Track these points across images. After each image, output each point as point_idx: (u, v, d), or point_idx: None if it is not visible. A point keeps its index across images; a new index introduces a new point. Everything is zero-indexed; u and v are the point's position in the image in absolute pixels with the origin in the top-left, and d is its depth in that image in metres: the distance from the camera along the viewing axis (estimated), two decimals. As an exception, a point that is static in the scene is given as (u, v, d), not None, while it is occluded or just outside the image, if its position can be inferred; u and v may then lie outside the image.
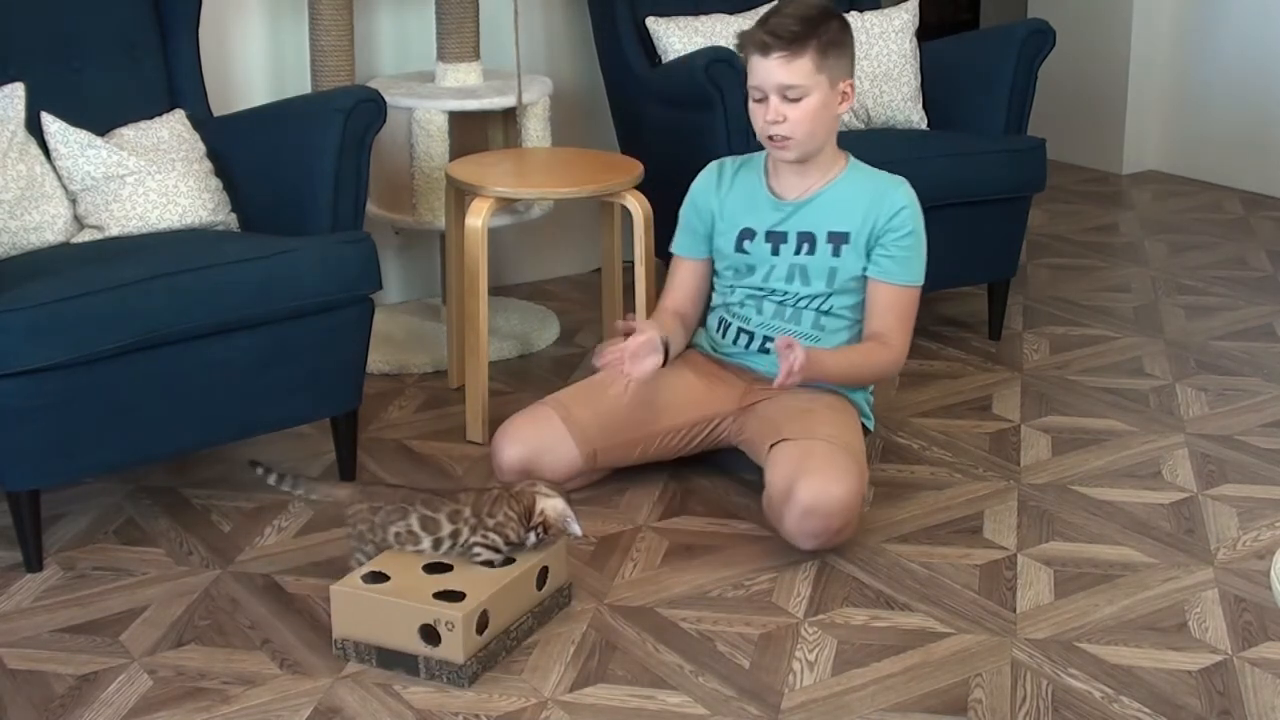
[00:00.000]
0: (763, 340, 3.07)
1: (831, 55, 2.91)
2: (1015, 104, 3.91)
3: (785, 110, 2.92)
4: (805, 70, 2.90)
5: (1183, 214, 5.23)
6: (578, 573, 2.77)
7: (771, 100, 2.92)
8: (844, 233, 3.00)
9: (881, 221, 2.98)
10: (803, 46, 2.89)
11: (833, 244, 3.00)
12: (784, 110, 2.92)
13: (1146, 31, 5.61)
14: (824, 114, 2.94)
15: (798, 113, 2.92)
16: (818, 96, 2.92)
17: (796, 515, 2.77)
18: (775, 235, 3.04)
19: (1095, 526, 2.98)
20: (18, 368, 2.64)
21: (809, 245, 3.02)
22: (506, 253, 4.42)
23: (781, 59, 2.89)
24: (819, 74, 2.91)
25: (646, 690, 2.43)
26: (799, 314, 3.04)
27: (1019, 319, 4.16)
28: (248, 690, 2.43)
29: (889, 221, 2.98)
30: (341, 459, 3.16)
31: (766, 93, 2.93)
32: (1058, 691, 2.43)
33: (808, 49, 2.89)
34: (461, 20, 3.88)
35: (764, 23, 2.94)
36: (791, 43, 2.88)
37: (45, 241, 3.03)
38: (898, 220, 2.98)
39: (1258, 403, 3.58)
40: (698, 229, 3.14)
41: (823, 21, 2.92)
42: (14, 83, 3.09)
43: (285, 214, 3.12)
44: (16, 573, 2.81)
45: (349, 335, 3.05)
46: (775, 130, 2.94)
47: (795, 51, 2.89)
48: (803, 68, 2.89)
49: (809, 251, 3.02)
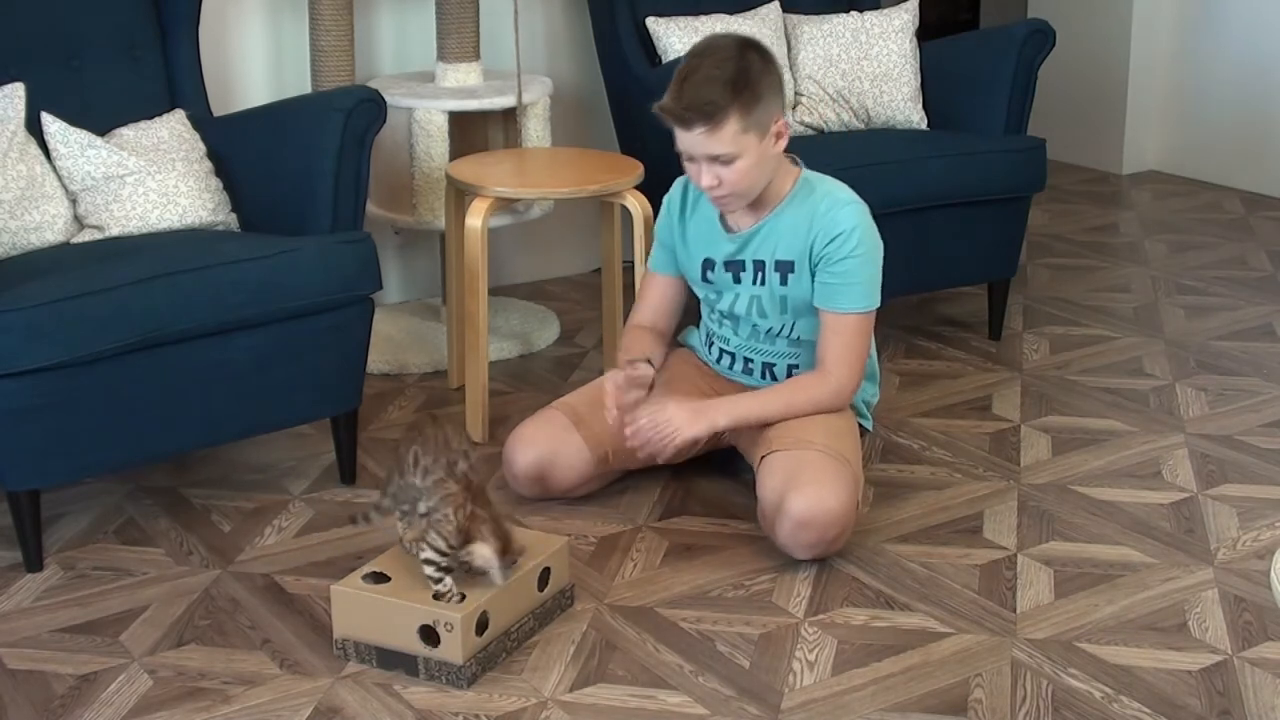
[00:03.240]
0: (744, 361, 3.06)
1: (756, 109, 2.75)
2: (1015, 104, 3.90)
3: (719, 173, 2.79)
4: (731, 136, 2.74)
5: (1183, 214, 5.23)
6: (578, 573, 2.77)
7: (703, 166, 2.80)
8: (789, 261, 2.90)
9: (819, 246, 2.87)
10: (724, 115, 2.73)
11: (780, 272, 2.92)
12: (718, 173, 2.79)
13: (1146, 31, 5.61)
14: (761, 164, 2.81)
15: (733, 174, 2.79)
16: (751, 154, 2.78)
17: (789, 528, 2.76)
18: (733, 264, 2.97)
19: (1095, 526, 2.98)
20: (18, 368, 2.64)
21: (762, 274, 2.94)
22: (506, 253, 4.42)
23: (704, 133, 2.75)
24: (746, 134, 2.75)
25: (646, 690, 2.43)
26: (772, 339, 3.02)
27: (1019, 319, 4.16)
28: (248, 690, 2.43)
29: (825, 247, 2.86)
30: (341, 459, 3.16)
31: (696, 159, 2.81)
32: (1058, 691, 2.43)
33: (729, 116, 2.73)
34: (461, 20, 3.88)
35: (679, 91, 2.75)
36: (711, 116, 2.72)
37: (45, 241, 3.03)
38: (834, 245, 2.85)
39: (1258, 403, 3.58)
40: (666, 245, 3.08)
41: (739, 77, 2.73)
42: (14, 83, 3.09)
43: (285, 214, 3.12)
44: (16, 573, 2.81)
45: (349, 335, 3.05)
46: (713, 193, 2.84)
47: (717, 122, 2.73)
48: (728, 135, 2.74)
49: (762, 282, 2.95)
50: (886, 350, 3.91)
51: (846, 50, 4.07)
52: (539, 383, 3.71)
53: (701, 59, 2.78)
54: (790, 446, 2.84)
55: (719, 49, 2.79)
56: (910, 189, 3.71)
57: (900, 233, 3.72)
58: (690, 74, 2.77)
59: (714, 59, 2.77)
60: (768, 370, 3.04)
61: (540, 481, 3.00)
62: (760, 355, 3.04)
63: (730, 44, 2.80)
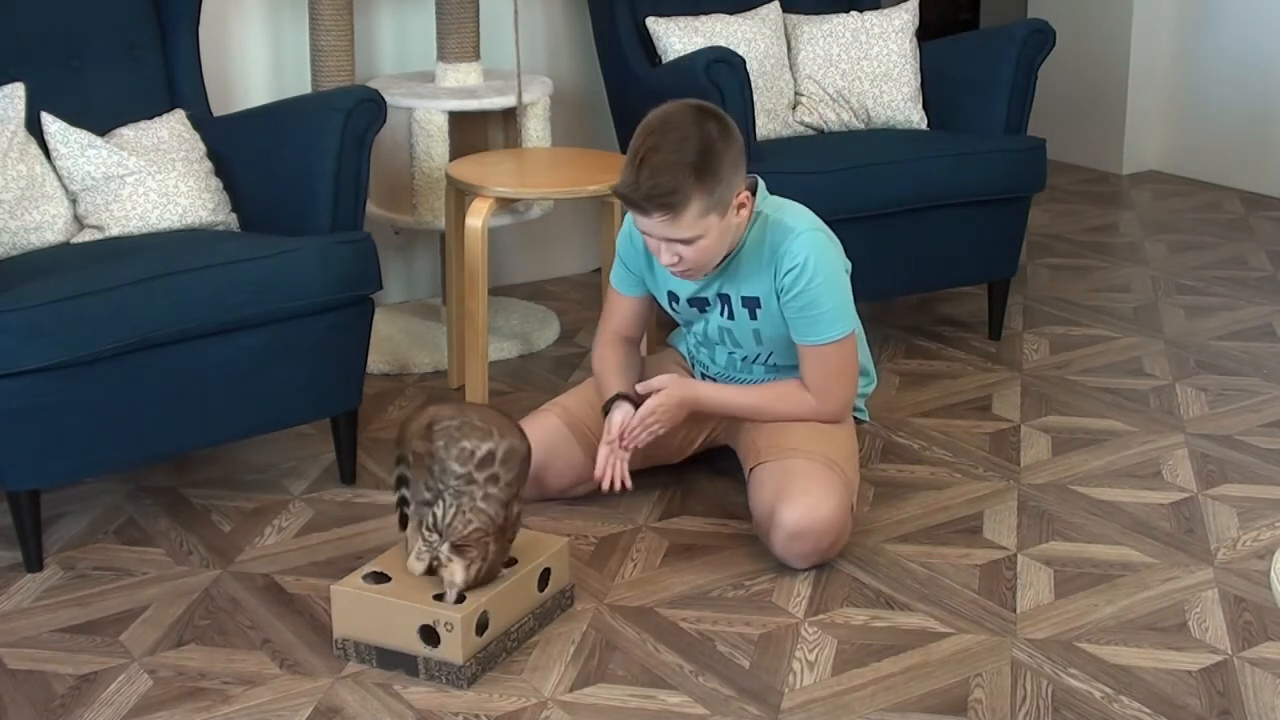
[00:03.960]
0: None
1: (717, 189, 2.64)
2: (1015, 104, 3.91)
3: (680, 251, 2.70)
4: (691, 221, 2.64)
5: (1183, 214, 5.23)
6: (578, 573, 2.77)
7: (662, 245, 2.71)
8: (754, 297, 2.85)
9: (778, 281, 2.80)
10: (685, 203, 2.62)
11: (748, 308, 2.87)
12: (679, 252, 2.71)
13: (1146, 31, 5.61)
14: (723, 238, 2.72)
15: (693, 252, 2.70)
16: (713, 233, 2.69)
17: (783, 540, 2.76)
18: (698, 300, 2.93)
19: (1095, 526, 2.98)
20: (18, 368, 2.65)
21: (728, 308, 2.90)
22: (506, 253, 4.42)
23: (663, 219, 2.64)
24: (708, 215, 2.65)
25: (646, 690, 2.43)
26: (749, 366, 3.00)
27: (1019, 319, 4.16)
28: (248, 690, 2.43)
29: (781, 281, 2.79)
30: (341, 459, 3.16)
31: (655, 238, 2.72)
32: (1058, 691, 2.43)
33: (690, 203, 2.62)
34: (461, 20, 3.88)
35: (636, 177, 2.62)
36: (670, 206, 2.62)
37: (45, 241, 3.03)
38: (790, 278, 2.78)
39: (1258, 403, 3.58)
40: (632, 270, 3.00)
41: (700, 160, 2.61)
42: (14, 83, 3.09)
43: (285, 214, 3.12)
44: (16, 573, 2.81)
45: (349, 335, 3.05)
46: (673, 269, 2.76)
47: (677, 210, 2.62)
48: (688, 220, 2.64)
49: (730, 315, 2.90)
50: (886, 350, 3.91)
51: (846, 50, 4.07)
52: (539, 383, 3.71)
53: (659, 138, 2.63)
54: (778, 456, 2.83)
55: (675, 124, 2.64)
56: (910, 189, 3.71)
57: (900, 233, 3.74)
58: (647, 156, 2.62)
59: (673, 138, 2.63)
60: None
61: (536, 482, 3.00)
62: (741, 383, 3.03)
63: (687, 118, 2.66)
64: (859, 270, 3.03)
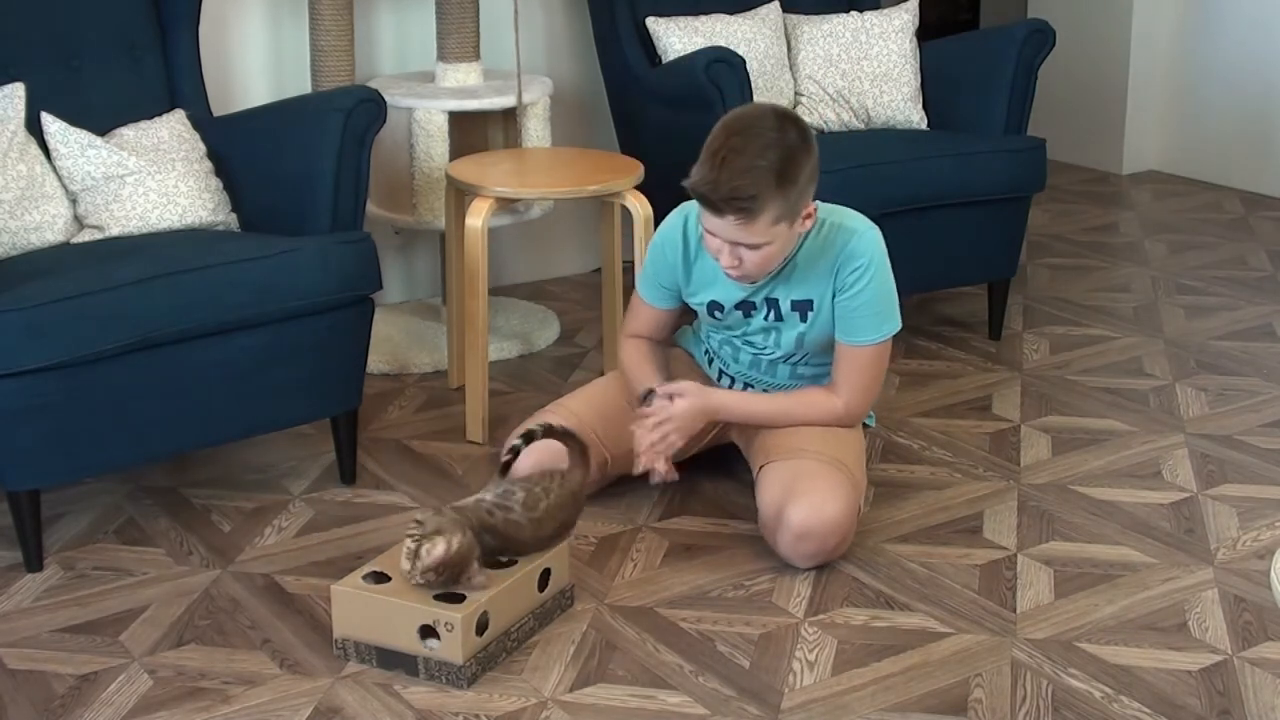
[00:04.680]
0: (744, 385, 3.04)
1: (793, 196, 2.63)
2: (1015, 104, 3.91)
3: (743, 255, 2.69)
4: (764, 228, 2.63)
5: (1183, 214, 5.23)
6: (578, 573, 2.77)
7: (726, 247, 2.69)
8: (808, 300, 2.85)
9: (839, 280, 2.81)
10: (762, 209, 2.60)
11: (799, 311, 2.87)
12: (741, 255, 2.69)
13: (1146, 31, 5.61)
14: (786, 247, 2.73)
15: (756, 257, 2.69)
16: (780, 240, 2.68)
17: (790, 539, 2.76)
18: (744, 305, 2.91)
19: (1095, 526, 2.98)
20: (18, 368, 2.64)
21: (775, 312, 2.89)
22: (506, 253, 4.42)
23: (738, 223, 2.62)
24: (778, 224, 2.65)
25: (646, 690, 2.43)
26: (774, 366, 2.99)
27: (1019, 319, 4.16)
28: (248, 690, 2.43)
29: (844, 279, 2.81)
30: (341, 459, 3.16)
31: (721, 239, 2.70)
32: (1058, 691, 2.43)
33: (767, 209, 2.60)
34: (461, 20, 3.88)
35: (716, 177, 2.59)
36: (748, 211, 2.60)
37: (45, 241, 3.03)
38: (854, 276, 2.80)
39: (1258, 403, 3.58)
40: (665, 285, 2.98)
41: (783, 168, 2.60)
42: (14, 83, 3.09)
43: (285, 214, 3.12)
44: (16, 573, 2.81)
45: (349, 335, 3.05)
46: (731, 272, 2.75)
47: (753, 215, 2.61)
48: (761, 226, 2.63)
49: (777, 318, 2.90)
50: (886, 350, 3.91)
51: (846, 50, 4.07)
52: (539, 383, 3.71)
53: (745, 140, 2.61)
54: (787, 456, 2.83)
55: (760, 129, 2.62)
56: (910, 189, 3.71)
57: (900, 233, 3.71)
58: (730, 158, 2.59)
59: (758, 144, 2.60)
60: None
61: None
62: (759, 384, 3.03)
63: (770, 123, 2.64)
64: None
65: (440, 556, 2.40)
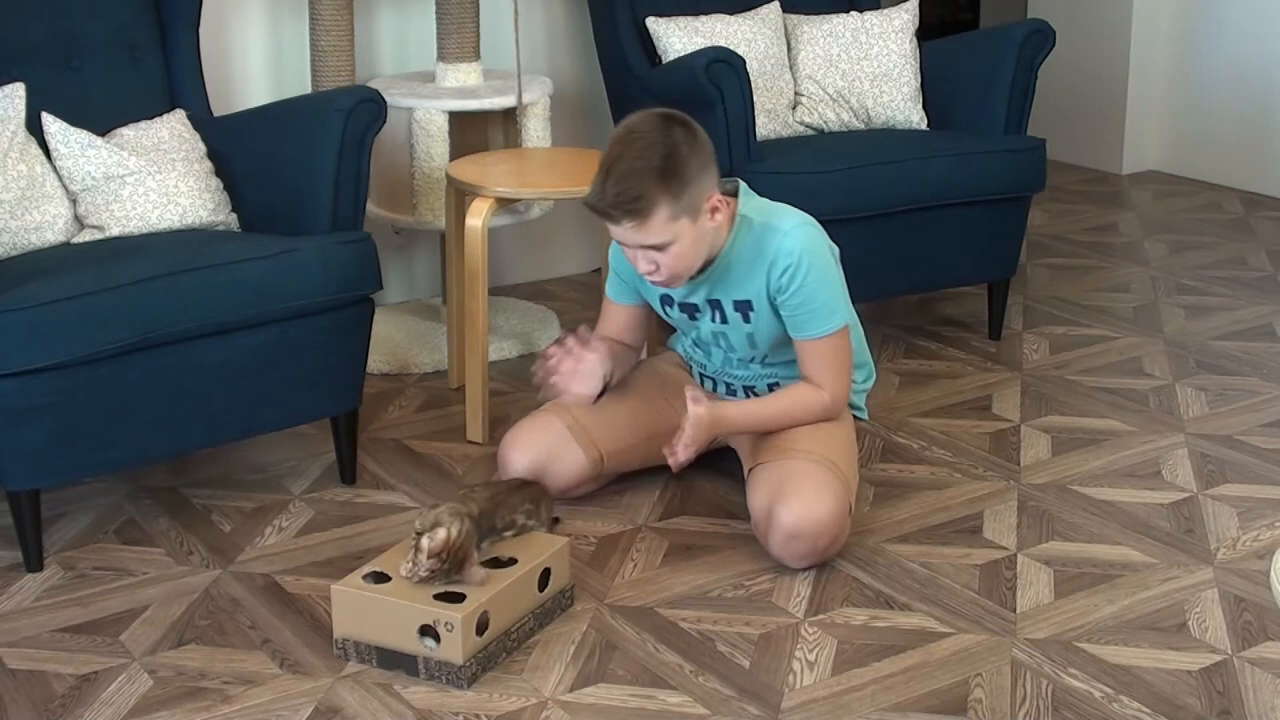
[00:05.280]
0: (724, 385, 3.05)
1: (685, 195, 2.66)
2: (1015, 104, 3.90)
3: (656, 259, 2.72)
4: (660, 226, 2.66)
5: (1183, 214, 5.23)
6: (578, 573, 2.77)
7: (638, 253, 2.74)
8: (746, 300, 2.86)
9: (772, 282, 2.81)
10: (651, 207, 2.64)
11: (740, 312, 2.87)
12: (655, 259, 2.72)
13: (1146, 31, 5.61)
14: (697, 244, 2.74)
15: (669, 259, 2.72)
16: (685, 237, 2.70)
17: (780, 540, 2.76)
18: (688, 306, 2.93)
19: (1095, 526, 2.98)
20: (18, 368, 2.65)
21: (720, 313, 2.90)
22: (506, 253, 4.42)
23: (633, 226, 2.67)
24: (677, 221, 2.67)
25: (646, 690, 2.43)
26: (745, 364, 3.00)
27: (1019, 319, 4.16)
28: (248, 690, 2.43)
29: (777, 281, 2.80)
30: (341, 459, 3.16)
31: (629, 247, 2.74)
32: (1058, 691, 2.43)
33: (657, 207, 2.64)
34: (461, 20, 3.88)
35: (603, 186, 2.66)
36: (637, 212, 2.64)
37: (46, 241, 3.03)
38: (786, 277, 2.78)
39: (1258, 403, 3.58)
40: (624, 279, 3.01)
41: (665, 165, 2.64)
42: (14, 83, 3.09)
43: (285, 214, 3.12)
44: (16, 573, 2.81)
45: (349, 335, 3.05)
46: (651, 278, 2.78)
47: (644, 215, 2.65)
48: (657, 225, 2.66)
49: (722, 320, 2.91)
50: (886, 350, 3.91)
51: (846, 50, 4.07)
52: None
53: (624, 147, 2.67)
54: (776, 457, 2.83)
55: (641, 134, 2.68)
56: (910, 189, 3.71)
57: (900, 233, 3.74)
58: (613, 165, 2.66)
59: (637, 146, 2.66)
60: (749, 392, 3.04)
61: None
62: (738, 380, 3.03)
63: (653, 126, 2.69)
64: (859, 270, 3.03)
65: (444, 541, 2.43)
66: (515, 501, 2.69)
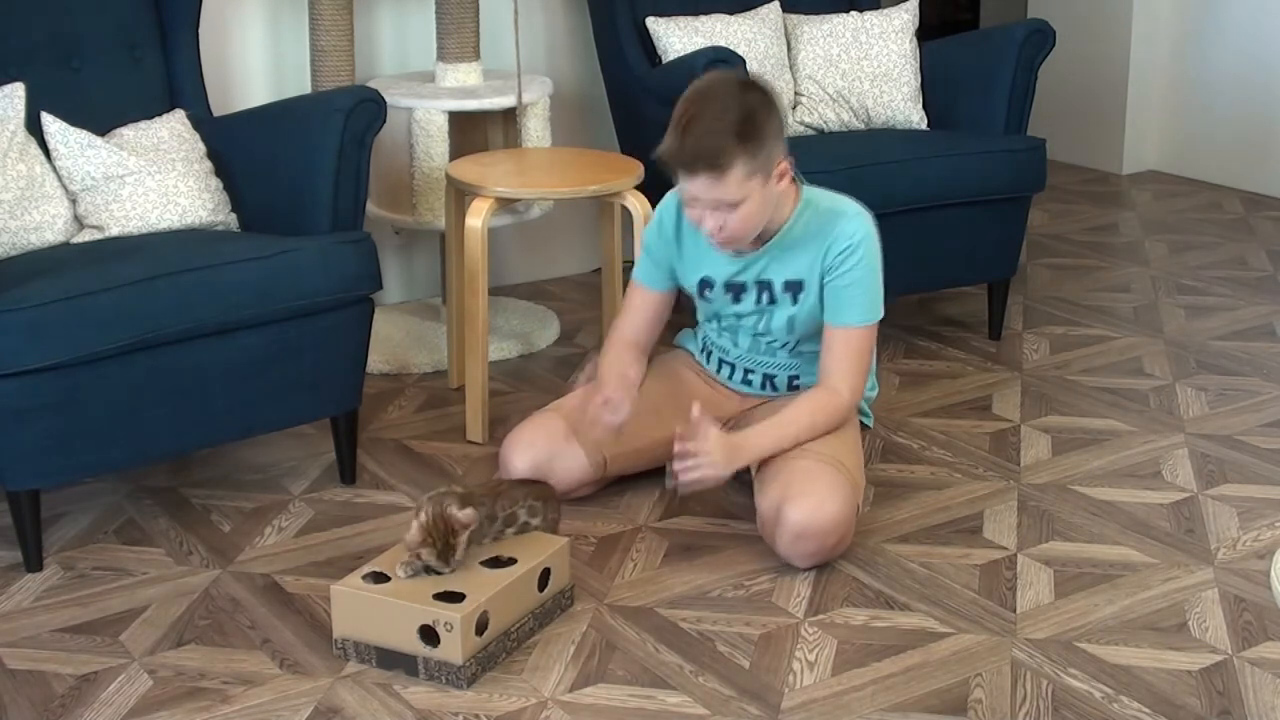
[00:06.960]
0: (744, 372, 3.05)
1: (760, 153, 2.70)
2: (1015, 104, 3.91)
3: (723, 219, 2.75)
4: (736, 183, 2.70)
5: (1183, 214, 5.23)
6: (578, 572, 2.77)
7: (706, 212, 2.76)
8: (799, 280, 2.88)
9: (828, 259, 2.85)
10: (730, 163, 2.68)
11: (790, 292, 2.90)
12: (722, 219, 2.75)
13: (1146, 31, 5.61)
14: (764, 207, 2.77)
15: (736, 219, 2.75)
16: (755, 198, 2.74)
17: (788, 539, 2.76)
18: (734, 286, 2.94)
19: (1095, 526, 2.98)
20: (18, 368, 2.65)
21: (769, 294, 2.92)
22: (506, 253, 4.42)
23: (709, 180, 2.70)
24: (751, 179, 2.71)
25: (646, 690, 2.43)
26: (773, 351, 3.01)
27: (1019, 319, 4.16)
28: (248, 690, 2.43)
29: (834, 259, 2.84)
30: (341, 459, 3.16)
31: (699, 204, 2.77)
32: (1058, 691, 2.43)
33: (735, 163, 2.68)
34: (461, 20, 3.88)
35: (680, 141, 2.69)
36: (716, 164, 2.67)
37: (45, 241, 3.03)
38: (843, 257, 2.84)
39: (1258, 403, 3.58)
40: (660, 262, 3.02)
41: (744, 122, 2.68)
42: (14, 83, 3.09)
43: (285, 214, 3.12)
44: (16, 573, 2.81)
45: (349, 335, 3.05)
46: (715, 238, 2.80)
47: (722, 169, 2.68)
48: (733, 182, 2.69)
49: (770, 300, 2.92)
50: (886, 350, 3.90)
51: (846, 50, 4.07)
52: (539, 383, 3.71)
53: (703, 104, 2.71)
54: (785, 456, 2.83)
55: (720, 93, 2.73)
56: (910, 189, 3.71)
57: (900, 233, 3.73)
58: (693, 120, 2.69)
59: (717, 104, 2.70)
60: (768, 381, 3.04)
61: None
62: (761, 367, 3.03)
63: (731, 86, 2.75)
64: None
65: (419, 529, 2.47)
66: (518, 494, 2.69)
